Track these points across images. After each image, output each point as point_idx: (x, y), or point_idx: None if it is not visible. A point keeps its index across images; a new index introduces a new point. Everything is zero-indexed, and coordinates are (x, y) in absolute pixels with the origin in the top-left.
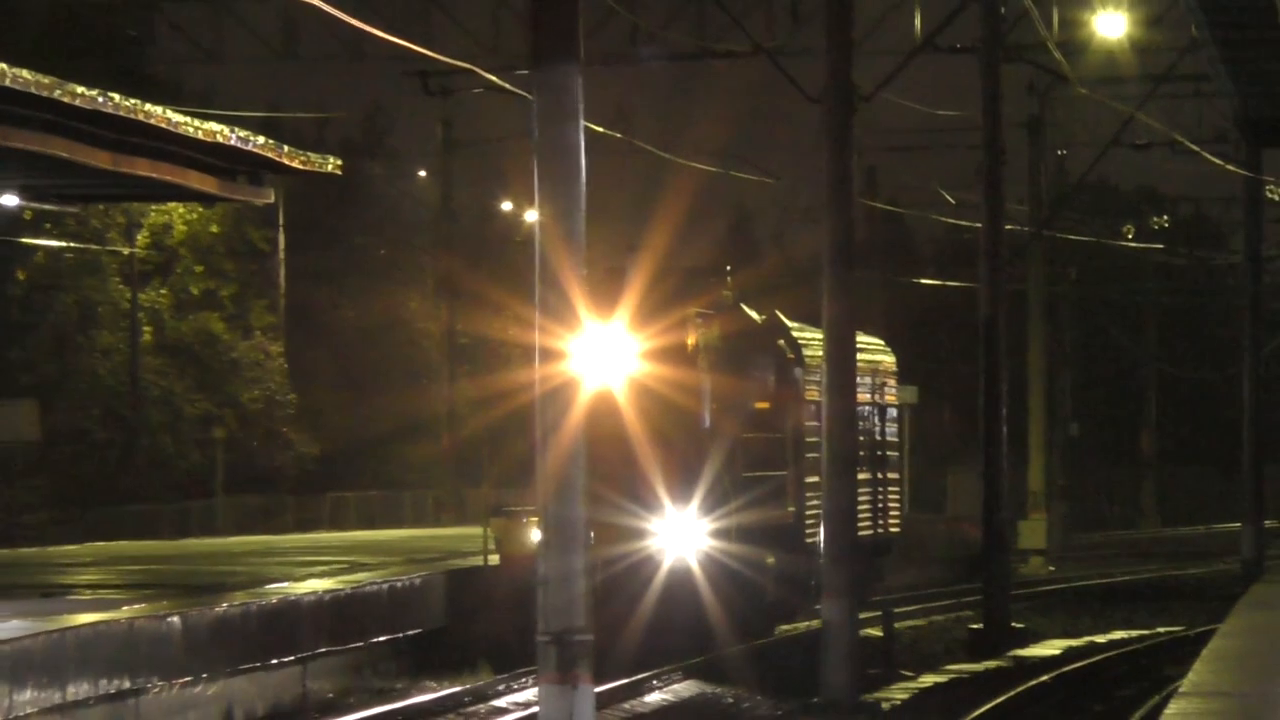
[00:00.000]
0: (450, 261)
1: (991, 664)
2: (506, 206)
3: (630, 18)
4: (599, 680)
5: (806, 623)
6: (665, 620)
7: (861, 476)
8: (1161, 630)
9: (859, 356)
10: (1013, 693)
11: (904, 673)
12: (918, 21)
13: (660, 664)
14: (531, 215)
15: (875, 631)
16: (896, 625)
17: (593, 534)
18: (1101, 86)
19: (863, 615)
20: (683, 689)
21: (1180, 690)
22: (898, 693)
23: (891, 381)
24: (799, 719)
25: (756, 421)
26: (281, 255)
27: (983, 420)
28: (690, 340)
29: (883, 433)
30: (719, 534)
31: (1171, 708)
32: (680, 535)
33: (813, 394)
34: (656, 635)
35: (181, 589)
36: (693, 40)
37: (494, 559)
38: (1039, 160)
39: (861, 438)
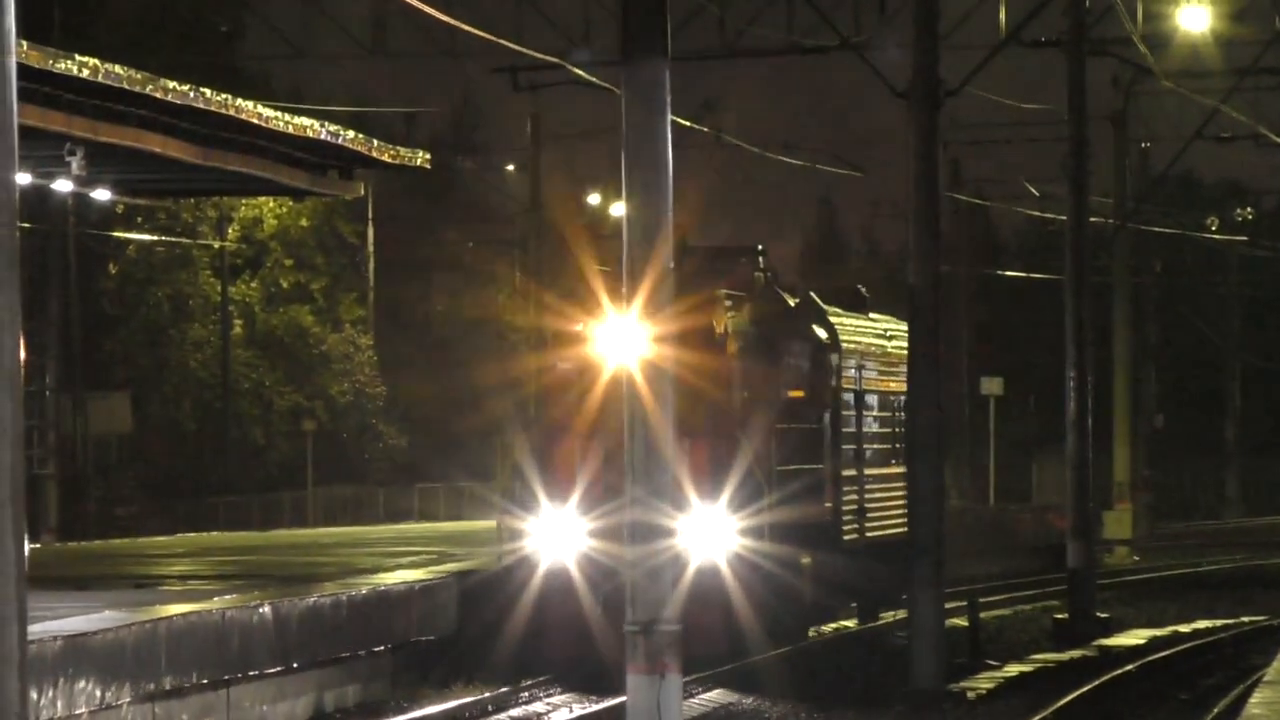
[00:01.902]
0: (538, 254)
1: (1077, 653)
2: (594, 199)
3: (718, 13)
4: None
5: (841, 624)
6: (693, 624)
7: (896, 470)
8: (1246, 620)
9: (892, 345)
10: (1098, 682)
11: (990, 662)
12: (1003, 16)
13: (688, 671)
14: (618, 208)
15: (961, 622)
16: (982, 615)
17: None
18: (1185, 80)
19: (948, 605)
20: (715, 697)
21: (1265, 679)
22: (984, 682)
23: None
24: (885, 708)
25: (790, 412)
26: (371, 249)
27: (1069, 411)
28: (719, 324)
29: None
30: (751, 532)
31: (1256, 697)
32: (708, 534)
33: (850, 382)
34: (684, 640)
35: (272, 579)
36: (781, 35)
37: (508, 559)
38: (1123, 153)
39: (899, 429)
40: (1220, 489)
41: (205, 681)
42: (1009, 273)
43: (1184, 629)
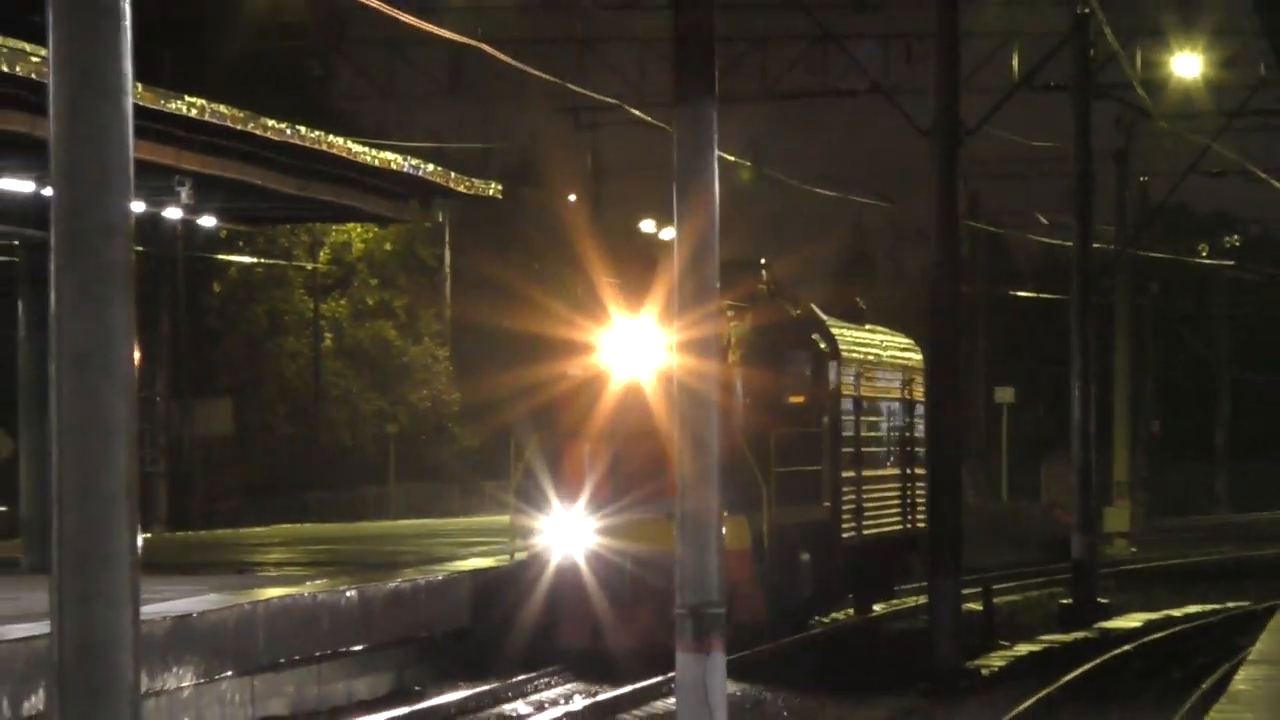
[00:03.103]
0: (594, 276)
1: (1080, 635)
2: (648, 227)
3: (760, 60)
4: (636, 675)
5: (841, 614)
6: None
7: (891, 471)
8: (1232, 605)
9: (888, 354)
10: (1099, 660)
11: (1002, 643)
12: (1016, 63)
13: None
14: (668, 233)
15: (976, 606)
16: (995, 600)
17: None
18: (1180, 121)
19: (964, 592)
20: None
21: (1250, 658)
22: (996, 660)
23: (919, 379)
24: (885, 691)
25: (791, 416)
26: (448, 270)
27: (1075, 417)
28: (722, 333)
29: (911, 428)
30: (752, 531)
31: (1242, 674)
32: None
33: (849, 388)
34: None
35: (359, 566)
36: (817, 79)
37: (520, 555)
38: (1124, 186)
39: (893, 433)
40: (1210, 488)
41: (298, 658)
42: (1021, 293)
43: (1177, 613)
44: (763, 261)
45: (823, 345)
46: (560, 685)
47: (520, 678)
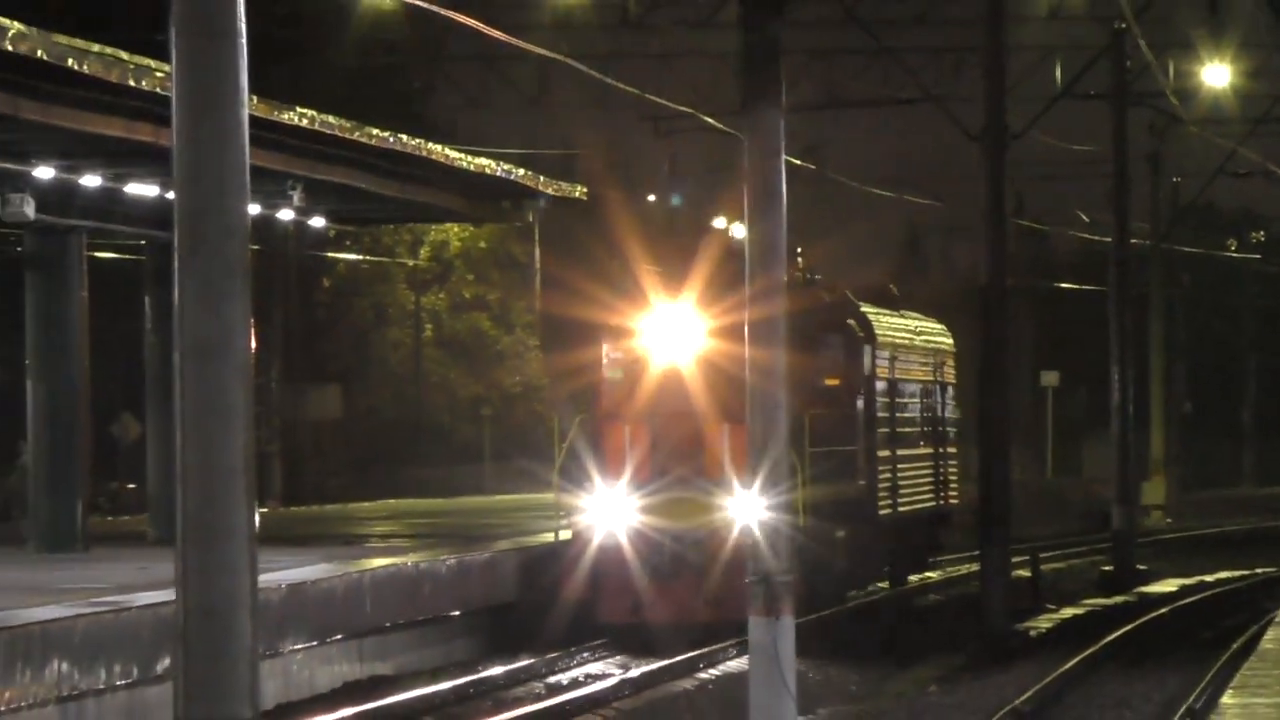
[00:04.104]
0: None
1: (1120, 599)
2: (719, 224)
3: (823, 72)
4: (680, 648)
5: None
6: (733, 591)
7: (923, 450)
8: (1260, 571)
9: (921, 339)
10: (1138, 622)
11: (1048, 606)
12: (1059, 73)
13: (725, 636)
14: (739, 231)
15: (1024, 573)
16: (1041, 568)
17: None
18: (1209, 126)
19: (1013, 560)
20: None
21: (1277, 620)
22: (1043, 622)
23: (950, 362)
24: (958, 648)
25: (826, 398)
26: (538, 266)
27: (1114, 399)
28: None
29: (943, 409)
30: (789, 509)
31: (1270, 634)
32: (746, 510)
33: (884, 371)
34: (721, 607)
35: (457, 538)
36: (875, 89)
37: (565, 534)
38: (1158, 186)
39: (925, 414)
40: (1238, 463)
41: (402, 622)
42: (1064, 285)
43: (1209, 579)
44: (799, 250)
45: (857, 329)
46: (607, 655)
47: (597, 642)
